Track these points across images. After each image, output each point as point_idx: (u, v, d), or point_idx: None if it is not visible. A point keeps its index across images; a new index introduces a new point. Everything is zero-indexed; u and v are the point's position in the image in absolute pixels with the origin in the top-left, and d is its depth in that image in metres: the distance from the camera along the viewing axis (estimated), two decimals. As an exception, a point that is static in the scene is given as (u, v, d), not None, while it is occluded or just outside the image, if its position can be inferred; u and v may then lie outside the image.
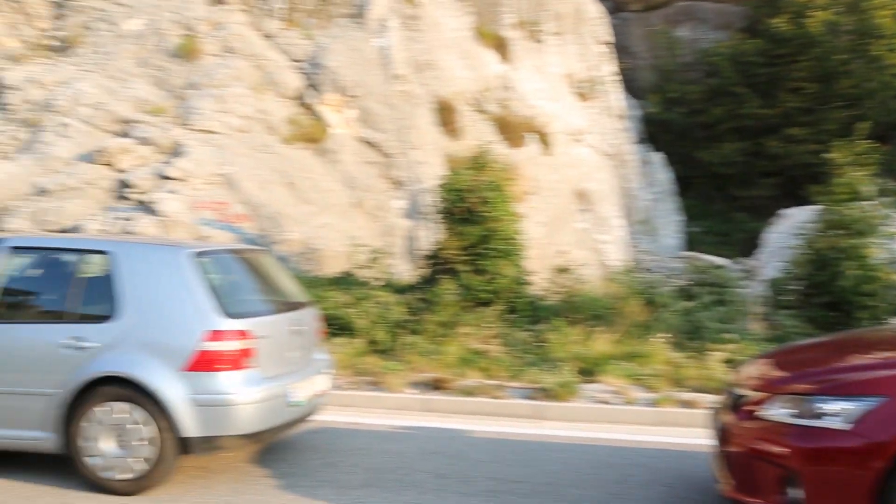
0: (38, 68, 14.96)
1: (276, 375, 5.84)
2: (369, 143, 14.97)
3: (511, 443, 7.06)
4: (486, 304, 10.61)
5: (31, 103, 14.32)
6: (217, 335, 5.49)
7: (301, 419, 6.24)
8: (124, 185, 12.88)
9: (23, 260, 6.30)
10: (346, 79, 15.07)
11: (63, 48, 15.72)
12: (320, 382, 6.45)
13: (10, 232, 12.45)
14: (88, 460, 5.58)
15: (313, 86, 15.06)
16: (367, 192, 14.50)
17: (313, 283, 10.84)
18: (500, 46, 18.92)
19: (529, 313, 10.73)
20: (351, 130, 14.93)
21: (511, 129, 17.49)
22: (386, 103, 15.26)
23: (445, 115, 16.26)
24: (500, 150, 15.28)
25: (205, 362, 5.46)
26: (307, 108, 14.90)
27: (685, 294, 11.72)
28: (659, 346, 9.53)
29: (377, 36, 15.85)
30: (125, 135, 13.67)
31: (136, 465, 5.53)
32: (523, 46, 19.67)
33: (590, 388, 8.59)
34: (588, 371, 8.97)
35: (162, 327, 5.59)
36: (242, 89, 14.46)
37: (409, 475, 6.06)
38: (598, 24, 22.81)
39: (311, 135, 14.52)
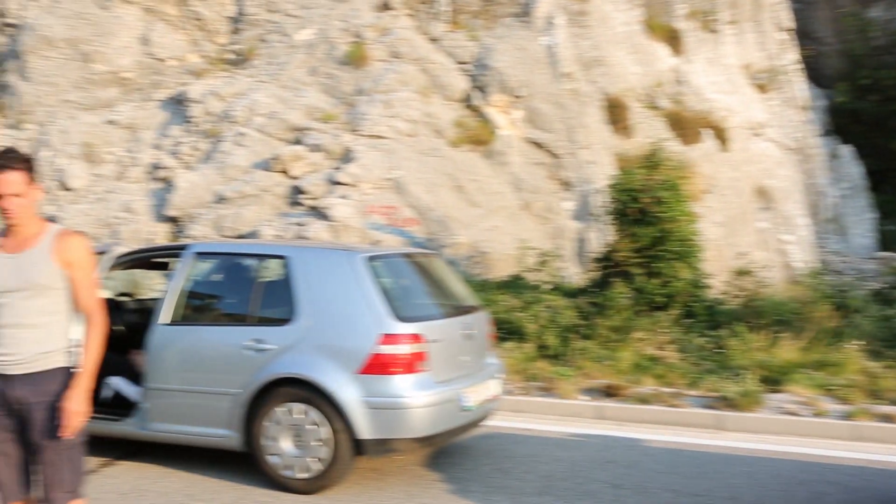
0: (218, 81, 15.89)
1: (448, 379, 5.92)
2: (537, 144, 14.95)
3: (690, 453, 6.85)
4: (661, 308, 10.36)
5: (211, 115, 15.23)
6: (391, 338, 5.62)
7: (473, 424, 6.29)
8: (298, 191, 13.45)
9: (206, 265, 6.71)
10: (513, 79, 15.13)
11: (240, 61, 16.63)
12: (492, 387, 6.49)
13: (195, 238, 13.29)
14: (270, 458, 5.86)
15: (479, 87, 15.21)
16: (536, 194, 14.48)
17: (482, 287, 10.94)
18: (672, 39, 18.44)
19: (707, 318, 10.39)
20: (518, 131, 14.97)
21: (685, 125, 17.00)
22: (553, 102, 15.20)
23: (615, 113, 16.01)
24: (674, 147, 14.89)
25: (379, 365, 5.61)
26: (474, 110, 15.06)
27: (881, 298, 11.01)
28: (852, 355, 8.98)
29: (544, 34, 15.82)
30: (298, 142, 14.28)
31: (314, 465, 5.76)
32: (697, 38, 19.08)
33: (775, 398, 8.21)
34: (772, 380, 8.58)
35: (337, 330, 5.79)
36: (409, 93, 14.78)
37: (584, 484, 6.00)
38: (779, 10, 21.81)
39: (478, 137, 14.67)
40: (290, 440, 5.81)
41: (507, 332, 9.78)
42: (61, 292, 3.78)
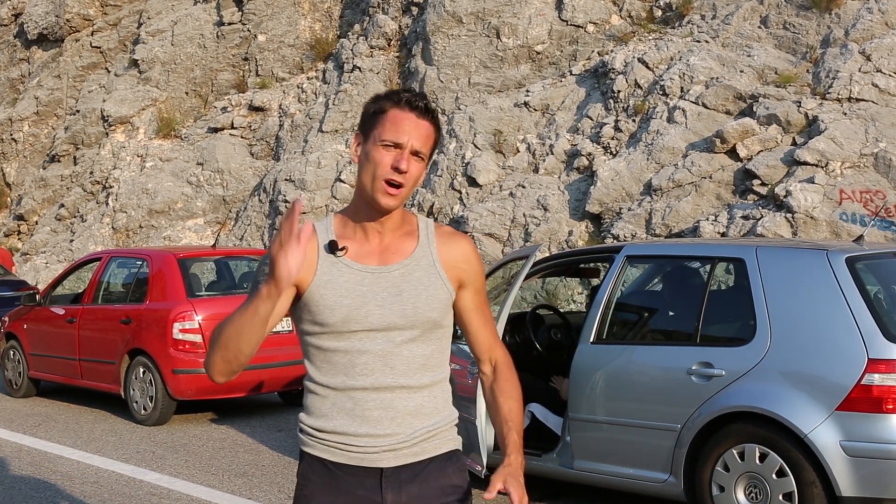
0: (645, 46, 16.08)
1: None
2: None
3: None
4: None
5: (637, 87, 15.46)
6: (883, 365, 5.26)
7: None
8: (747, 175, 13.16)
9: (640, 271, 6.77)
10: None
11: (671, 18, 16.69)
12: None
13: (619, 239, 13.55)
14: (721, 513, 5.76)
15: None
16: None
17: None
18: None
19: None
20: None
21: None
22: None
23: None
24: None
25: (868, 401, 5.26)
26: None
27: None
28: None
29: None
30: (747, 114, 13.97)
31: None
32: None
33: None
34: None
35: (809, 353, 5.55)
36: (896, 39, 13.82)
37: None
38: None
39: None
40: (742, 492, 5.67)
41: None
42: (447, 332, 2.84)
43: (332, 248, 2.72)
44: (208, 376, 2.65)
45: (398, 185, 2.65)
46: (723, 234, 12.64)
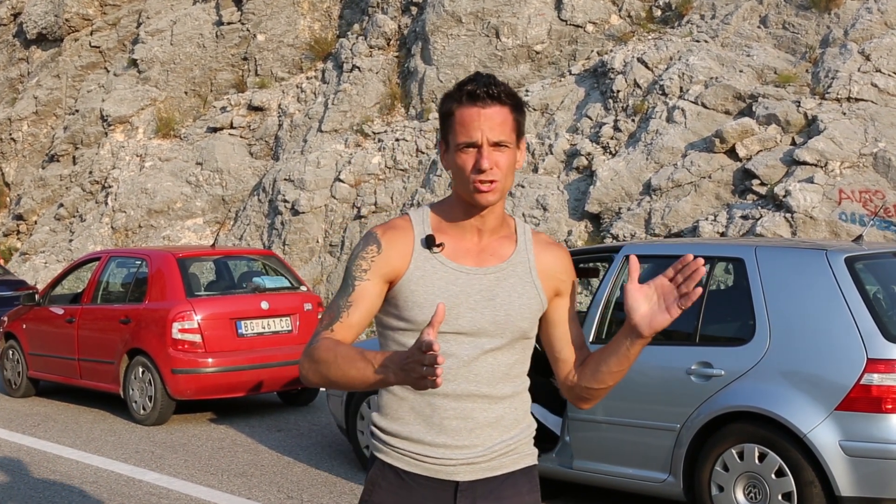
0: (644, 46, 16.08)
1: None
2: None
3: None
4: None
5: (636, 87, 15.45)
6: (882, 365, 5.26)
7: None
8: (747, 175, 13.15)
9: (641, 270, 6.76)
10: None
11: (671, 18, 16.68)
12: None
13: (618, 238, 13.55)
14: (722, 513, 5.76)
15: None
16: None
17: None
18: None
19: None
20: None
21: None
22: None
23: None
24: None
25: (867, 401, 5.27)
26: None
27: None
28: None
29: None
30: (746, 114, 13.96)
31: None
32: None
33: None
34: None
35: (808, 353, 5.55)
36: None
37: None
38: None
39: None
40: (742, 492, 5.68)
41: None
42: (531, 343, 2.77)
43: (430, 242, 2.61)
44: (304, 382, 2.61)
45: (489, 181, 2.54)
46: (722, 234, 12.64)
